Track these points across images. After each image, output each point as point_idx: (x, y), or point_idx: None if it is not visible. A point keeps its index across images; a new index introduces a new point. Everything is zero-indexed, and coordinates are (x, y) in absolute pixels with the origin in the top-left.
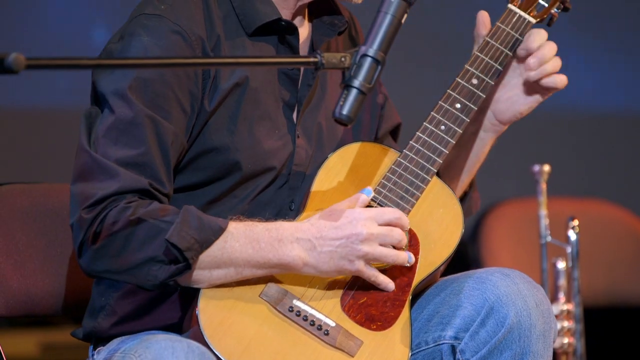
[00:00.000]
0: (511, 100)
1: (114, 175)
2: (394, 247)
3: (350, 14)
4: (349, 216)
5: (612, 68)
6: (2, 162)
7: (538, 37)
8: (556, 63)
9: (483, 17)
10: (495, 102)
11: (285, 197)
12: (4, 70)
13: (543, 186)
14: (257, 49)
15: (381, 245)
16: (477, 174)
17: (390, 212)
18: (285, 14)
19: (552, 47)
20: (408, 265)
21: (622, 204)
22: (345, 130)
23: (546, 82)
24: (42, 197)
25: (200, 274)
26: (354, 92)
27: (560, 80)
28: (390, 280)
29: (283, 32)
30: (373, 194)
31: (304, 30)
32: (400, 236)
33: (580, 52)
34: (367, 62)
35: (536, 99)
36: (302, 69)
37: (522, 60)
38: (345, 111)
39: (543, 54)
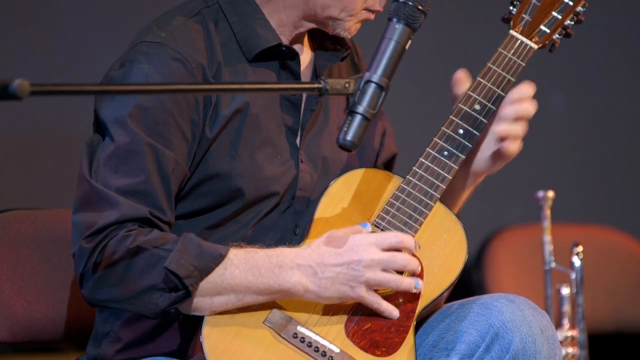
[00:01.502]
0: (481, 152)
1: (114, 204)
2: (401, 272)
3: (352, 41)
4: (351, 242)
5: (615, 95)
6: (7, 188)
7: (519, 92)
8: (519, 128)
9: (460, 76)
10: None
11: (289, 221)
12: (9, 97)
13: (547, 212)
14: (258, 74)
15: (384, 270)
16: (481, 199)
17: (392, 237)
18: (286, 39)
19: (524, 109)
20: (415, 291)
21: (626, 230)
22: (350, 155)
23: (501, 143)
24: (46, 223)
25: (201, 302)
26: (358, 118)
27: (509, 147)
28: (394, 308)
29: (284, 57)
30: (370, 228)
31: (306, 55)
32: (404, 261)
33: (583, 79)
34: (371, 88)
35: (498, 159)
36: (304, 94)
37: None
38: (349, 137)
39: (514, 110)
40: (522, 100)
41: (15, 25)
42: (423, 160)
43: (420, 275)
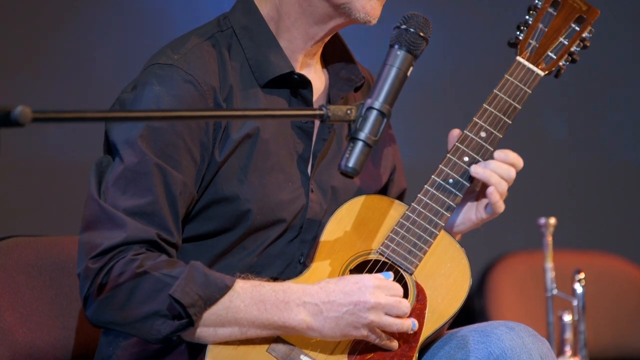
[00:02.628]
0: (468, 203)
1: (121, 225)
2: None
3: (369, 72)
4: (359, 282)
5: (616, 121)
6: (7, 215)
7: (512, 154)
8: (503, 184)
9: (455, 135)
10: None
11: (295, 250)
12: (11, 123)
13: (549, 239)
14: (269, 100)
15: (387, 314)
16: (483, 226)
17: (398, 288)
18: (299, 65)
19: (511, 168)
20: (411, 332)
21: (628, 257)
22: (359, 184)
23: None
24: (47, 250)
25: (204, 331)
26: (359, 144)
27: (496, 204)
28: (395, 342)
29: (296, 85)
30: (392, 276)
31: (320, 83)
32: (408, 309)
33: (585, 106)
34: (373, 114)
35: (483, 213)
36: (316, 122)
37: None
38: (350, 164)
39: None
40: (510, 163)
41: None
42: (428, 188)
43: (423, 304)
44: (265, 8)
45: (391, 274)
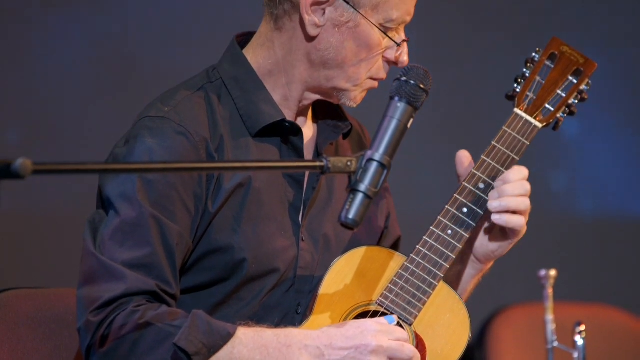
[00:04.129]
0: (484, 237)
1: (121, 277)
2: None
3: (359, 123)
4: (361, 327)
5: (616, 174)
6: (6, 268)
7: (518, 172)
8: (520, 202)
9: (461, 155)
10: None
11: (291, 300)
12: (11, 176)
13: (549, 291)
14: (260, 149)
15: (390, 358)
16: (484, 278)
17: (400, 333)
18: (289, 115)
19: (523, 186)
20: None
21: (629, 309)
22: (352, 233)
23: (500, 218)
24: (46, 302)
25: None
26: (360, 196)
27: (513, 221)
28: None
29: (287, 133)
30: (395, 320)
31: (308, 131)
32: (412, 352)
33: (584, 157)
34: (373, 166)
35: (505, 238)
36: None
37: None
38: (351, 215)
39: (513, 187)
40: (524, 179)
41: (17, 102)
42: (427, 238)
43: (423, 355)
44: (259, 59)
45: (394, 318)
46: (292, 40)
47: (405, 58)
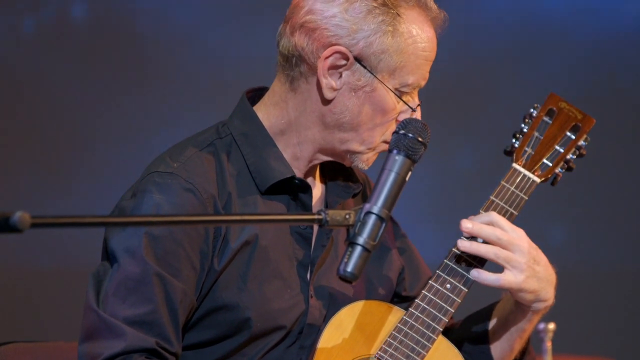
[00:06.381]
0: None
1: (121, 334)
2: None
3: (365, 176)
4: None
5: (613, 226)
6: (5, 321)
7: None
8: (490, 232)
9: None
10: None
11: (294, 356)
12: (10, 229)
13: (548, 344)
14: (268, 206)
15: None
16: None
17: None
18: (298, 173)
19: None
20: None
21: None
22: (357, 289)
23: (461, 244)
24: (46, 356)
25: None
26: (358, 249)
27: (479, 250)
28: None
29: (296, 190)
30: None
31: (318, 188)
32: None
33: (582, 212)
34: (372, 219)
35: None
36: (315, 228)
37: None
38: (349, 268)
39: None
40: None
41: (18, 155)
42: (426, 292)
43: None
44: (272, 117)
45: None
46: (307, 101)
47: None
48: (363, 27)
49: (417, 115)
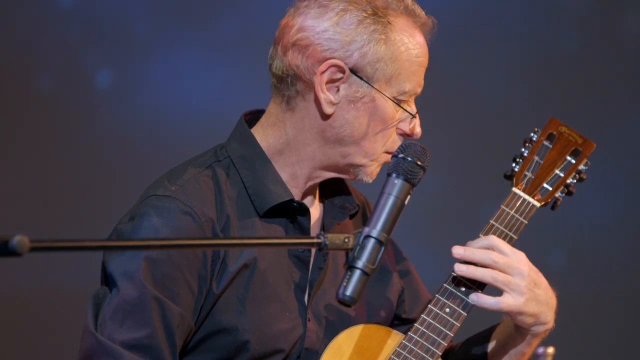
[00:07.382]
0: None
1: (118, 358)
2: None
3: (364, 198)
4: None
5: (615, 253)
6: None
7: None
8: (484, 256)
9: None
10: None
11: None
12: (9, 253)
13: None
14: (266, 229)
15: None
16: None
17: None
18: (296, 193)
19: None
20: None
21: None
22: (356, 313)
23: (458, 268)
24: None
25: None
26: (357, 273)
27: (476, 273)
28: None
29: (295, 213)
30: None
31: (315, 211)
32: None
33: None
34: (371, 243)
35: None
36: (313, 251)
37: None
38: (348, 292)
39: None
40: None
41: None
42: (425, 317)
43: None
44: (270, 138)
45: None
46: (305, 119)
47: (419, 129)
48: (356, 38)
49: (417, 123)
